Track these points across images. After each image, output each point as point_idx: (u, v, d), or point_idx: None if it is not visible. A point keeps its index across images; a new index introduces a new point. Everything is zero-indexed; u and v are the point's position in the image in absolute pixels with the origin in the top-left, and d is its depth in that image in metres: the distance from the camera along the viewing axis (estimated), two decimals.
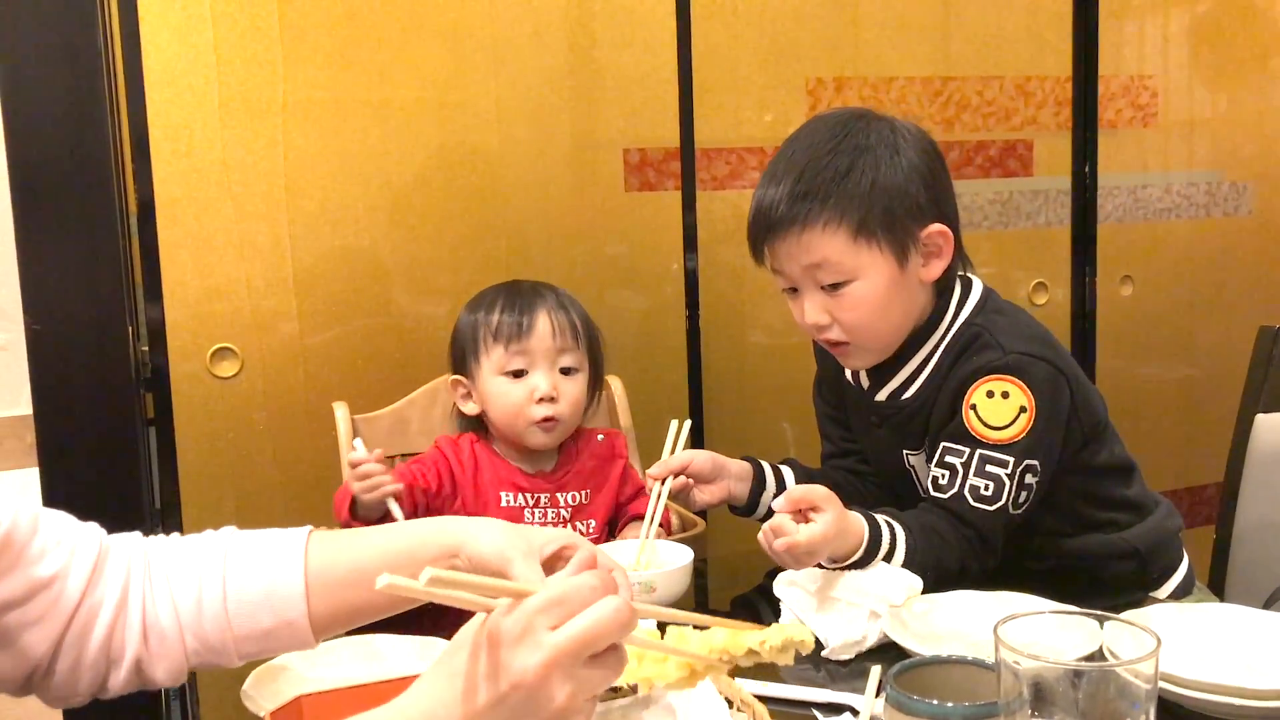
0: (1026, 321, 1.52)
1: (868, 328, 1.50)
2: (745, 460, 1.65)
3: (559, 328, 1.75)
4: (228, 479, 2.15)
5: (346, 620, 1.05)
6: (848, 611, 1.29)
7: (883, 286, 1.46)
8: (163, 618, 1.00)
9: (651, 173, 2.41)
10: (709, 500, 1.61)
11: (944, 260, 1.49)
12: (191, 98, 2.08)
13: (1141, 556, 1.53)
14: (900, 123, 1.51)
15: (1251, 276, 3.04)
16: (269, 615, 1.02)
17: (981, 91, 2.69)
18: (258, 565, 1.03)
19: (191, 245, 2.10)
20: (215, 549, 1.04)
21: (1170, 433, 2.92)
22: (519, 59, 2.28)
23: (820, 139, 1.47)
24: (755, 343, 2.51)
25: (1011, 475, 1.41)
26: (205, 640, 1.01)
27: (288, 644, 1.04)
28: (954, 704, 0.88)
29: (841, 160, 1.45)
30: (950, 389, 1.47)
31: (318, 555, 1.04)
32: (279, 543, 1.05)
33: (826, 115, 1.54)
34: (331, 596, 1.03)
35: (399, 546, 1.06)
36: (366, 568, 1.03)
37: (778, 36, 2.49)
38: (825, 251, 1.45)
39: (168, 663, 1.01)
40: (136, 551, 1.03)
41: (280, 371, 2.17)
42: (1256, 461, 1.78)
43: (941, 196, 1.50)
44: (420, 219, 2.25)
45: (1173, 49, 2.90)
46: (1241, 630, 1.19)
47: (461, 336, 1.80)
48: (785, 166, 1.48)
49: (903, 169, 1.45)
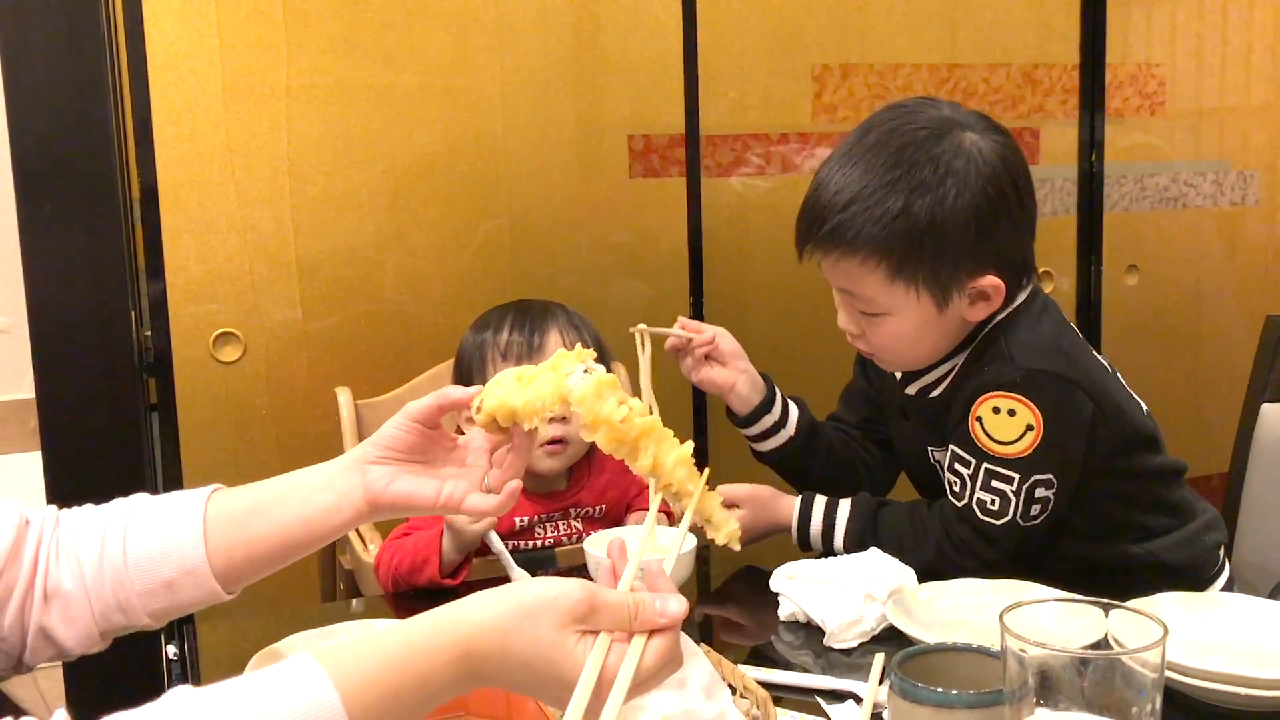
0: (1051, 331, 1.44)
1: (896, 354, 1.48)
2: (762, 376, 1.60)
3: (569, 346, 1.67)
4: (230, 463, 2.14)
5: (249, 560, 1.04)
6: (843, 593, 1.29)
7: (916, 325, 1.41)
8: (65, 582, 1.00)
9: (656, 159, 2.40)
10: (712, 381, 1.56)
11: (991, 305, 1.40)
12: (195, 82, 2.07)
13: (1167, 568, 1.47)
14: (978, 145, 1.37)
15: (1258, 266, 3.03)
16: (169, 566, 1.01)
17: (988, 79, 2.67)
18: (157, 518, 1.03)
19: (194, 230, 2.09)
20: (120, 510, 1.05)
21: (1176, 422, 2.91)
22: (524, 44, 2.27)
23: (884, 160, 1.36)
24: (760, 330, 2.50)
25: (1018, 491, 1.39)
26: (108, 600, 1.01)
27: (192, 596, 1.03)
28: (959, 692, 0.87)
29: (895, 199, 1.34)
30: (963, 396, 1.43)
31: (217, 502, 1.05)
32: (180, 498, 1.06)
33: (902, 120, 1.40)
34: (231, 537, 1.03)
35: (297, 476, 1.07)
36: (263, 499, 1.05)
37: (784, 23, 2.48)
38: (859, 286, 1.40)
39: (75, 628, 1.00)
40: (49, 521, 1.03)
41: (283, 356, 2.17)
42: (1262, 451, 1.77)
43: (1003, 239, 1.39)
44: (424, 204, 2.24)
45: (1180, 37, 2.89)
46: (1247, 620, 1.18)
47: (466, 357, 1.74)
48: (842, 178, 1.38)
49: (962, 212, 1.35)
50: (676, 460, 0.99)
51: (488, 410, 1.05)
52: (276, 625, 1.23)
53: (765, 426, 1.59)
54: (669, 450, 1.00)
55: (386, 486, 1.06)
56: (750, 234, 2.50)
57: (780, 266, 2.50)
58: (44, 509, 1.04)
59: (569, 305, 1.81)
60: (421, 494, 1.06)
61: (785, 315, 2.50)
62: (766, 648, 1.31)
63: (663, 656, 0.84)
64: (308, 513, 1.04)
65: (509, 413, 1.04)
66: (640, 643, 0.83)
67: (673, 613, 0.85)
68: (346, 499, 1.05)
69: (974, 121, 1.41)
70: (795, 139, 2.52)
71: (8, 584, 0.98)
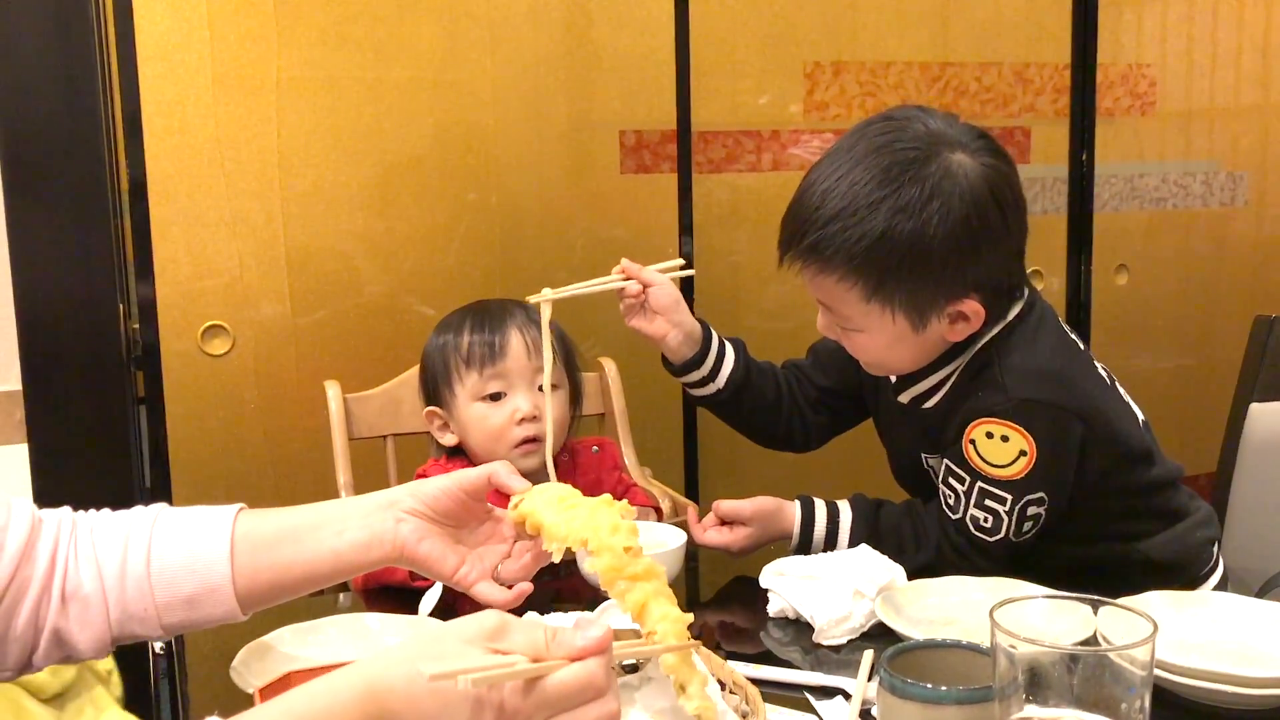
0: (1047, 355, 1.42)
1: (875, 364, 1.49)
2: (701, 324, 1.62)
3: (533, 345, 1.67)
4: (218, 457, 2.14)
5: (273, 586, 1.03)
6: (832, 590, 1.29)
7: (888, 343, 1.41)
8: (85, 585, 0.99)
9: (648, 155, 2.40)
10: (644, 331, 1.59)
11: (971, 327, 1.39)
12: (184, 74, 2.06)
13: (1159, 566, 1.47)
14: (966, 168, 1.34)
15: (1247, 266, 3.04)
16: (192, 580, 1.00)
17: (980, 78, 2.68)
18: (184, 531, 1.02)
19: (183, 222, 2.08)
20: (145, 517, 1.03)
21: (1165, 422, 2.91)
22: (515, 38, 2.27)
23: (871, 176, 1.33)
24: (751, 326, 2.50)
25: (1011, 511, 1.39)
26: (127, 608, 1.00)
27: (210, 614, 1.02)
28: (948, 688, 0.87)
29: (876, 220, 1.32)
30: (957, 417, 1.42)
31: (245, 522, 1.04)
32: (207, 514, 1.04)
33: (894, 135, 1.36)
34: (258, 559, 1.02)
35: (330, 508, 1.06)
36: (296, 525, 1.04)
37: (776, 20, 2.48)
38: (835, 302, 1.40)
39: (90, 632, 0.99)
40: (65, 523, 1.02)
41: (271, 350, 2.16)
42: (1250, 451, 1.78)
43: (985, 265, 1.36)
44: (414, 199, 2.24)
45: (1171, 37, 2.90)
46: (1235, 619, 1.18)
47: (431, 364, 1.72)
48: (827, 190, 1.35)
49: (944, 239, 1.32)
50: (666, 617, 0.94)
51: (521, 512, 1.05)
52: (264, 619, 1.22)
53: (693, 379, 1.63)
54: (663, 604, 0.95)
55: (418, 543, 1.05)
56: (741, 230, 2.50)
57: (771, 263, 2.48)
58: (59, 511, 1.03)
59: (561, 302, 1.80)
60: (443, 564, 1.06)
61: (776, 312, 2.50)
62: (755, 644, 1.30)
63: (579, 682, 0.79)
64: (338, 546, 1.03)
65: (536, 525, 1.04)
66: (554, 664, 0.79)
67: (594, 636, 0.80)
68: (378, 540, 1.04)
69: (968, 140, 1.37)
70: (787, 136, 2.51)
71: (21, 583, 0.97)
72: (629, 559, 0.95)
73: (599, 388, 2.10)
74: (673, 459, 2.47)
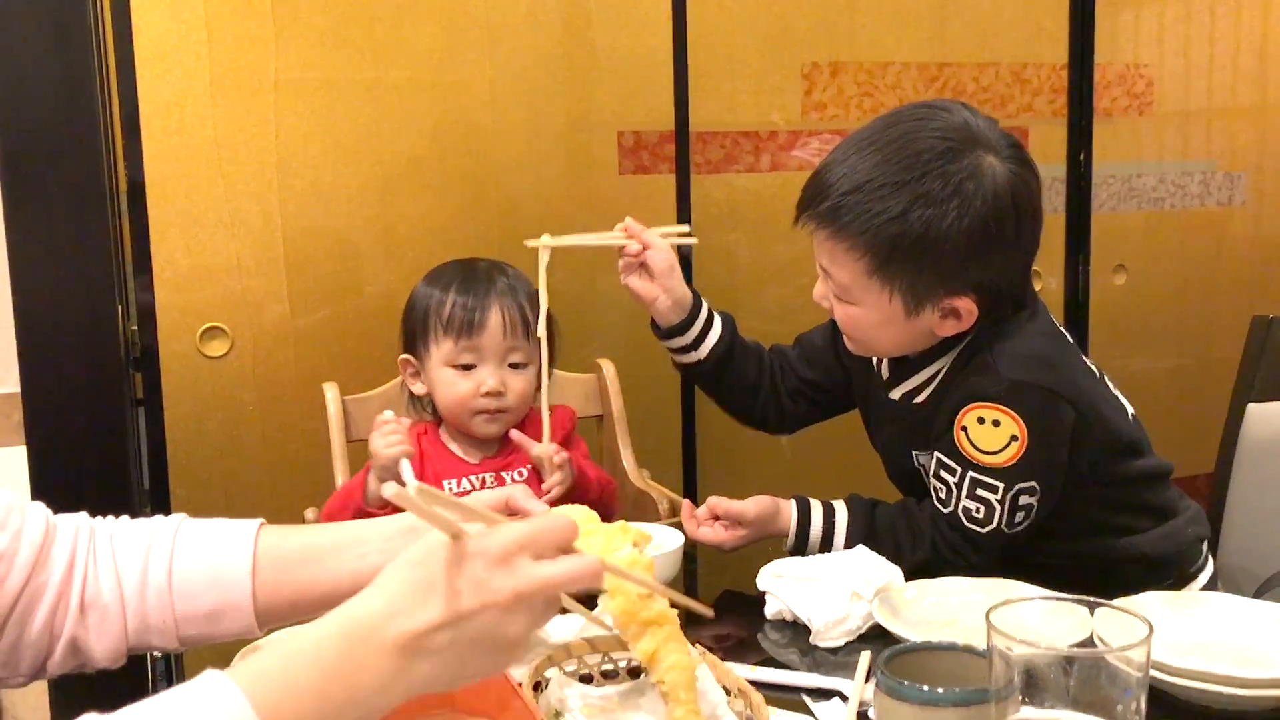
0: (1039, 342, 1.44)
1: (858, 340, 1.50)
2: (695, 295, 1.67)
3: (510, 324, 1.75)
4: (216, 459, 2.14)
5: (292, 605, 1.03)
6: (829, 591, 1.29)
7: (878, 321, 1.43)
8: (104, 593, 0.98)
9: (646, 155, 2.40)
10: (636, 290, 1.65)
11: (960, 325, 1.41)
12: (183, 75, 2.06)
13: (1150, 561, 1.48)
14: (995, 171, 1.36)
15: (1244, 266, 3.05)
16: (213, 594, 1.00)
17: (977, 78, 2.68)
18: (207, 544, 1.02)
19: (182, 224, 2.09)
20: (167, 528, 1.03)
21: (1162, 422, 2.91)
22: (514, 39, 2.27)
23: (899, 159, 1.35)
24: (749, 326, 2.46)
25: (1003, 500, 1.40)
26: (146, 619, 0.99)
27: (228, 629, 1.01)
28: (945, 690, 0.87)
29: (896, 203, 1.34)
30: (949, 405, 1.43)
31: (267, 538, 1.03)
32: (229, 527, 1.04)
33: (929, 123, 1.38)
34: (279, 577, 1.02)
35: (351, 529, 1.06)
36: (318, 545, 1.03)
37: (774, 20, 2.48)
38: (839, 269, 1.41)
39: (107, 641, 0.99)
40: (83, 530, 1.01)
41: (270, 351, 2.16)
42: (1248, 451, 1.78)
43: (991, 269, 1.38)
44: (413, 199, 2.24)
45: (1169, 38, 2.90)
46: (1232, 620, 1.18)
47: (413, 315, 1.80)
48: (854, 163, 1.38)
49: (957, 235, 1.34)
50: (675, 666, 0.95)
51: None
52: None
53: (676, 345, 1.68)
54: (673, 651, 0.96)
55: None
56: (739, 231, 2.50)
57: (769, 264, 2.51)
58: (75, 516, 1.03)
59: (558, 301, 1.80)
60: None
61: (774, 313, 2.49)
62: (752, 646, 1.30)
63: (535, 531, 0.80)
64: (359, 569, 1.02)
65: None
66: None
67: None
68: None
69: (1001, 145, 1.39)
70: (785, 136, 2.52)
71: (35, 589, 0.96)
72: (643, 604, 0.95)
73: (598, 389, 2.10)
74: (671, 460, 2.47)
